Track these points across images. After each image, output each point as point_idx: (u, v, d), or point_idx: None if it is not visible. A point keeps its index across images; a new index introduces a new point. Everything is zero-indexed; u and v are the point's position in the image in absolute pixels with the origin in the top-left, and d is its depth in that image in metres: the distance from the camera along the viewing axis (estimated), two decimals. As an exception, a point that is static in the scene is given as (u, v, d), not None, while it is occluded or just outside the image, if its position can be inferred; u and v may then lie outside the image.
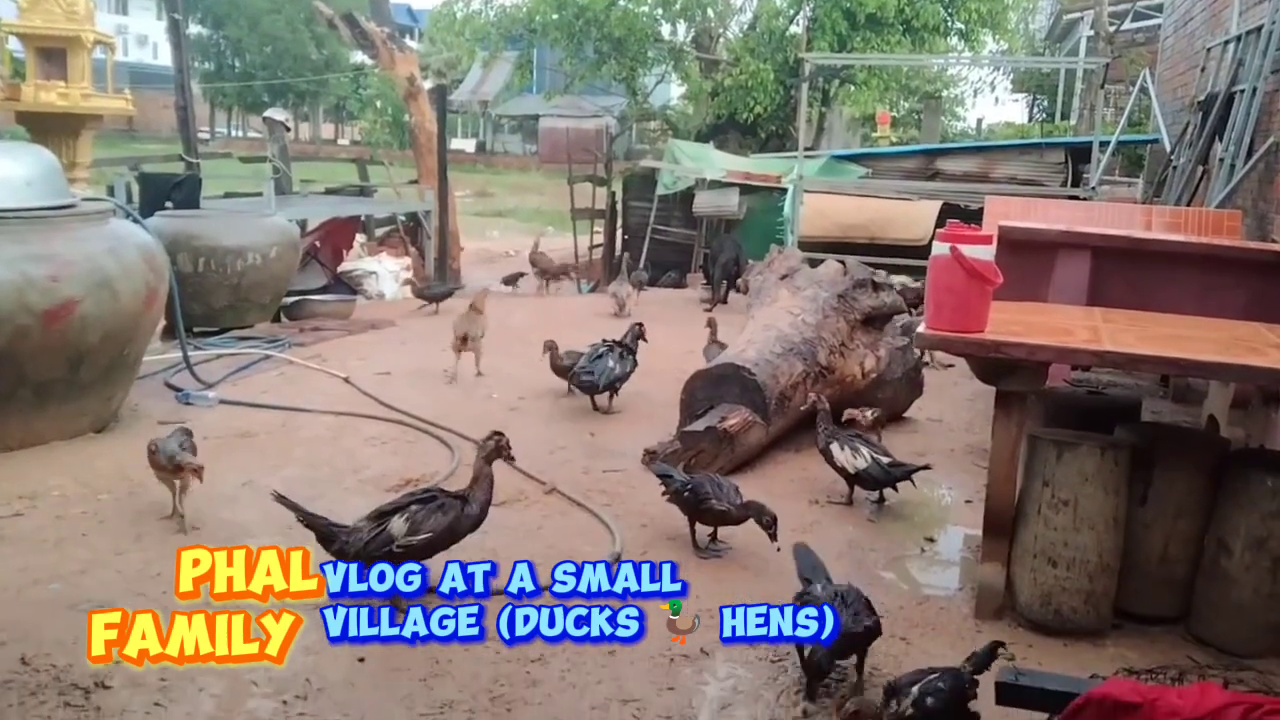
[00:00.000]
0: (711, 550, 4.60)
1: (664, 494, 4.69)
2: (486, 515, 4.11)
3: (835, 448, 5.16)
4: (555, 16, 21.42)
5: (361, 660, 3.58)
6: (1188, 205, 8.79)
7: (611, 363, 6.62)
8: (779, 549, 4.36)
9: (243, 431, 6.01)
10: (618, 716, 3.33)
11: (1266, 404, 5.30)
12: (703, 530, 4.63)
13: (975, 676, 3.12)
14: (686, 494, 4.55)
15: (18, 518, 4.67)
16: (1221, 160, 8.22)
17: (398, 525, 3.88)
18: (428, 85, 16.29)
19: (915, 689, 3.00)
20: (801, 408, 5.87)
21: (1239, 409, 5.59)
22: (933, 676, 3.05)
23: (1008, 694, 2.81)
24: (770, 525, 4.36)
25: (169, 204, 9.49)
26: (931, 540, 4.94)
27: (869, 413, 5.90)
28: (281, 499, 4.00)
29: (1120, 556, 3.95)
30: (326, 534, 3.94)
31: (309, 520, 3.97)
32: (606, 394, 6.68)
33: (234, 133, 51.50)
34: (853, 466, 5.11)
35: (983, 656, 3.16)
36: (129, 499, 4.92)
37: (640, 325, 7.11)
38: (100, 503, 4.89)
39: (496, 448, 4.13)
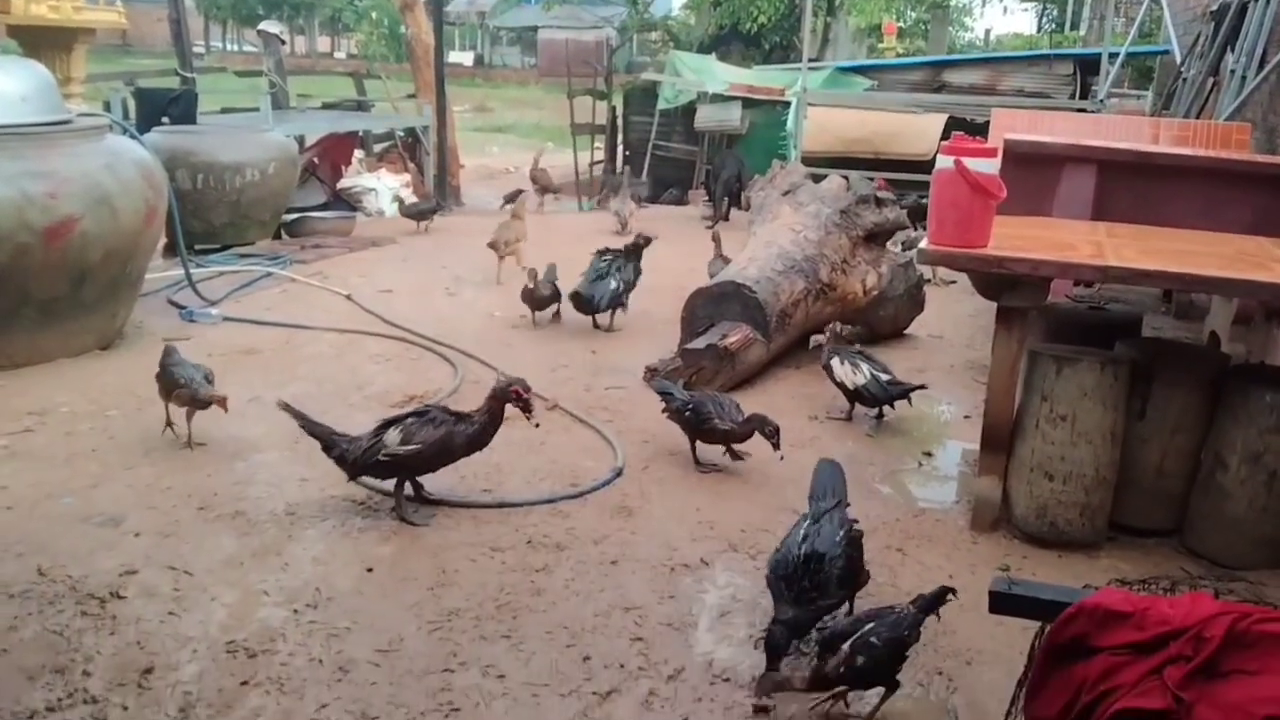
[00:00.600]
0: (711, 465, 4.66)
1: (664, 411, 4.73)
2: (487, 441, 4.12)
3: (836, 363, 5.19)
4: (555, -77, 20.92)
5: (370, 570, 3.67)
6: (1197, 118, 8.65)
7: (613, 283, 6.61)
8: (782, 458, 4.41)
9: (247, 348, 6.05)
10: (620, 623, 3.41)
11: (1269, 320, 5.28)
12: (705, 448, 4.68)
13: (921, 616, 2.99)
14: (688, 413, 4.59)
15: (28, 434, 4.73)
16: (1232, 72, 8.05)
17: (392, 435, 3.97)
18: (424, -4, 15.94)
19: (847, 646, 2.82)
20: (815, 337, 5.84)
21: (1241, 325, 5.58)
22: (868, 628, 2.87)
23: (1001, 603, 2.83)
24: (773, 435, 4.41)
25: (165, 120, 9.39)
26: (929, 455, 4.99)
27: (826, 330, 5.80)
28: (286, 407, 4.08)
29: (1117, 470, 4.00)
30: (328, 441, 4.04)
31: (311, 428, 4.06)
32: (608, 312, 6.69)
33: (229, 46, 50.53)
34: (852, 383, 5.14)
35: (930, 599, 3.02)
36: (137, 415, 4.97)
37: (642, 236, 7.10)
38: (109, 419, 4.94)
39: (506, 389, 4.04)
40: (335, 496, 4.22)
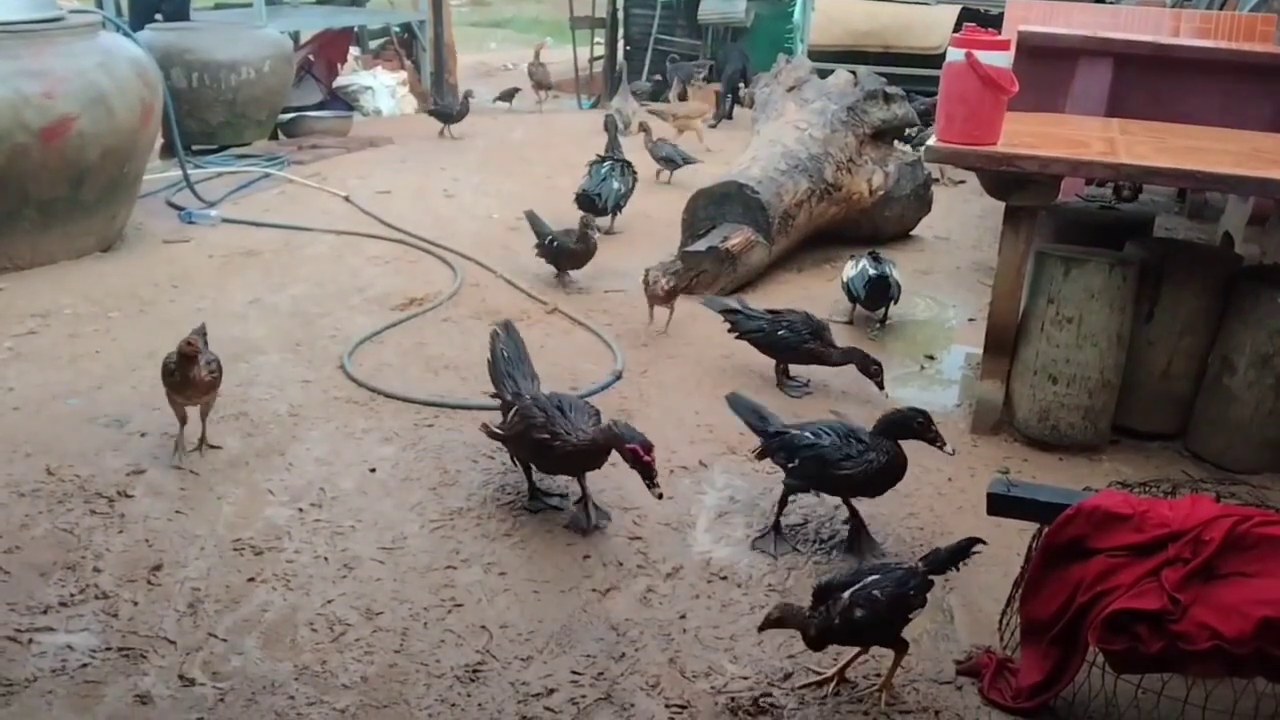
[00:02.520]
0: (791, 386, 4.54)
1: (732, 332, 4.57)
2: (580, 463, 3.39)
3: (851, 260, 5.19)
4: None
5: (373, 470, 3.70)
6: (1220, 9, 8.37)
7: (616, 184, 6.53)
8: (887, 396, 4.39)
9: (248, 250, 6.00)
10: (620, 523, 3.44)
11: (1285, 220, 5.20)
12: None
13: (929, 576, 2.70)
14: (781, 332, 4.44)
15: (32, 335, 4.73)
16: (1260, -41, 7.79)
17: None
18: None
19: (847, 595, 2.58)
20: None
21: (1256, 225, 5.48)
22: (870, 579, 2.62)
23: (999, 504, 2.84)
24: (877, 375, 4.35)
25: (158, 16, 9.15)
26: (932, 358, 4.98)
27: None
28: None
29: (1122, 373, 3.98)
30: (495, 377, 3.69)
31: (496, 364, 3.68)
32: (609, 215, 6.61)
33: (221, -62, 49.14)
34: (845, 275, 5.14)
35: (945, 557, 2.74)
36: (140, 316, 4.96)
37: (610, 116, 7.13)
38: (111, 320, 4.93)
39: (618, 438, 3.25)
40: (338, 398, 4.23)
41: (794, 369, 4.56)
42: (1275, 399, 3.83)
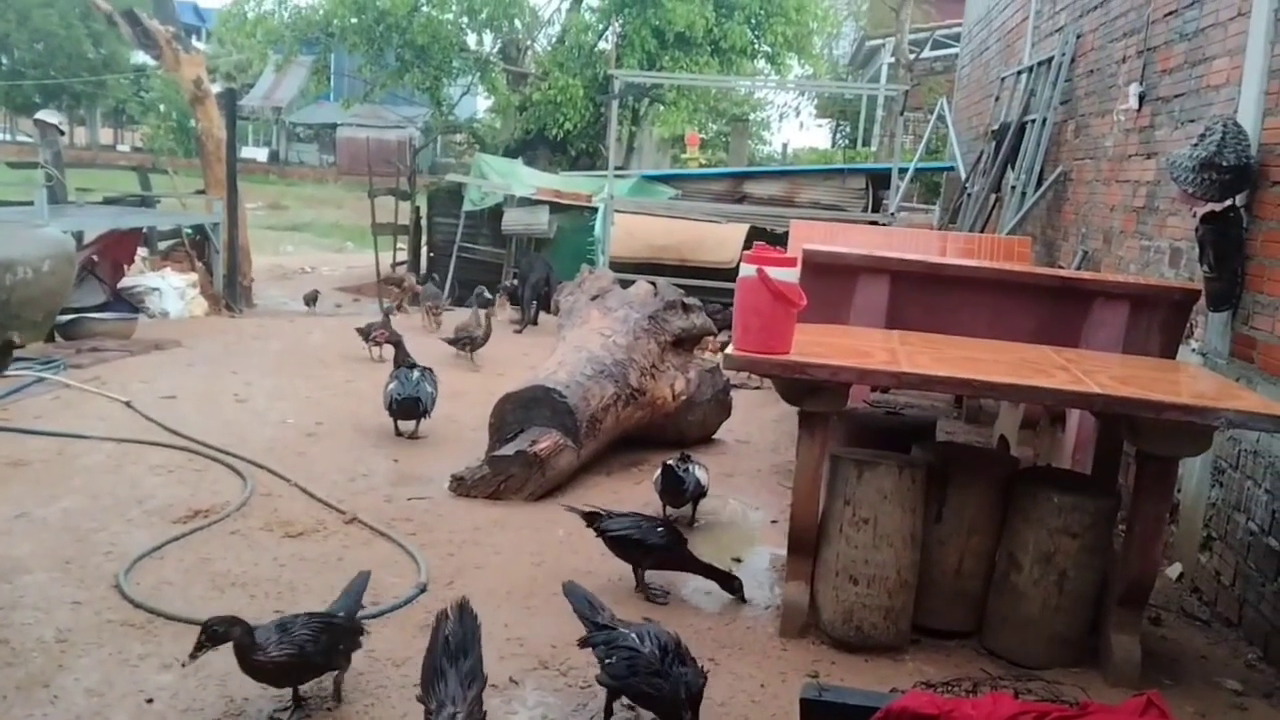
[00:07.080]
0: (655, 592, 4.47)
1: (597, 531, 4.50)
2: None
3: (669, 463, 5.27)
4: (354, 20, 20.56)
5: (150, 701, 3.35)
6: (981, 231, 9.22)
7: (428, 387, 6.46)
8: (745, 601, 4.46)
9: (14, 460, 5.52)
10: (427, 754, 3.20)
11: (1053, 424, 5.59)
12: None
13: None
14: (661, 530, 4.46)
15: None
16: (1013, 188, 8.67)
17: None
18: (216, 89, 15.40)
19: None
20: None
21: (1028, 429, 5.87)
22: None
23: (812, 710, 2.84)
24: (738, 589, 4.47)
25: (-73, 211, 8.67)
26: (739, 560, 5.00)
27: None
28: None
29: (918, 573, 4.10)
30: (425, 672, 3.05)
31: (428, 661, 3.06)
32: (412, 420, 6.50)
33: (2, 136, 47.60)
34: (654, 479, 5.23)
35: None
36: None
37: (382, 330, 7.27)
38: None
39: None
40: (112, 621, 3.86)
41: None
42: (1060, 595, 3.99)
